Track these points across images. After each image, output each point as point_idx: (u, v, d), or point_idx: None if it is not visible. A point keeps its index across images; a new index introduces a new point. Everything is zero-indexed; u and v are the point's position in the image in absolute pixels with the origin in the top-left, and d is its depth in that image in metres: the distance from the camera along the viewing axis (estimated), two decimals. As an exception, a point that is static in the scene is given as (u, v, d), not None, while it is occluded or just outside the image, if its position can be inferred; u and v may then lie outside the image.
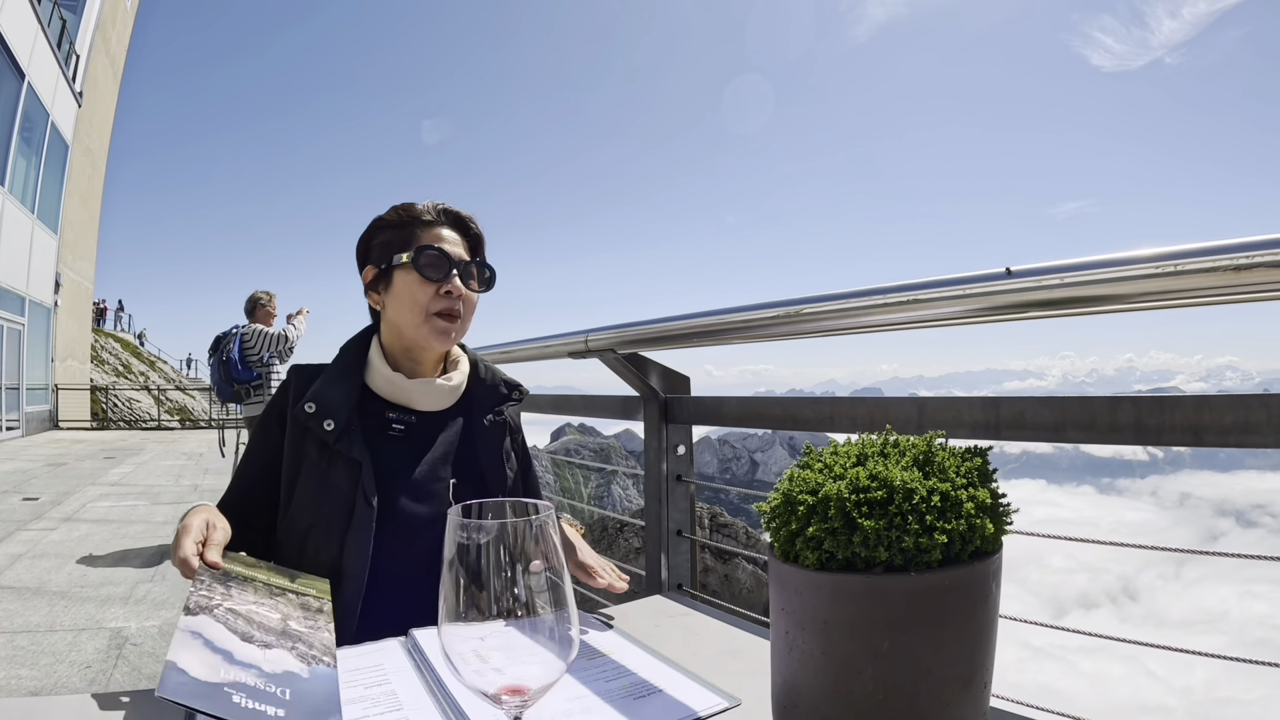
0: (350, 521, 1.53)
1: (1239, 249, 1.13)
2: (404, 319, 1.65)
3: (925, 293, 1.49)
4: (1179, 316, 16.20)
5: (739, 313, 1.92)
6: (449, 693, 1.07)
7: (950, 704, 0.84)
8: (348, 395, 1.62)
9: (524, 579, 0.76)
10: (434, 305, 1.63)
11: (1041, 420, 1.58)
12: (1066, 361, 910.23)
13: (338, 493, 1.55)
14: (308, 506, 1.56)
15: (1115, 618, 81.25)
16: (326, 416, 1.56)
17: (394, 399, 1.67)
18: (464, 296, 1.66)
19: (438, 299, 1.63)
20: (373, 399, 1.67)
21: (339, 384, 1.63)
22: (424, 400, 1.68)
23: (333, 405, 1.58)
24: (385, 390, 1.67)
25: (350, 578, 1.50)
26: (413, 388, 1.66)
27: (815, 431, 2.11)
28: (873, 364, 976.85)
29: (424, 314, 1.63)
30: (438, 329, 1.63)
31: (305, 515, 1.56)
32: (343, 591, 1.48)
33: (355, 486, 1.54)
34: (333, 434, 1.56)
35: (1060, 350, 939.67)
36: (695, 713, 1.06)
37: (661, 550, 2.56)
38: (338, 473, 1.56)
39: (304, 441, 1.60)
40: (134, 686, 3.76)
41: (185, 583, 1.14)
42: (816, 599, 0.85)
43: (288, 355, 7.25)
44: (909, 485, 0.85)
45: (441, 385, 1.69)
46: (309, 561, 1.51)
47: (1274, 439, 1.29)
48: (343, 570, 1.50)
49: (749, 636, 1.39)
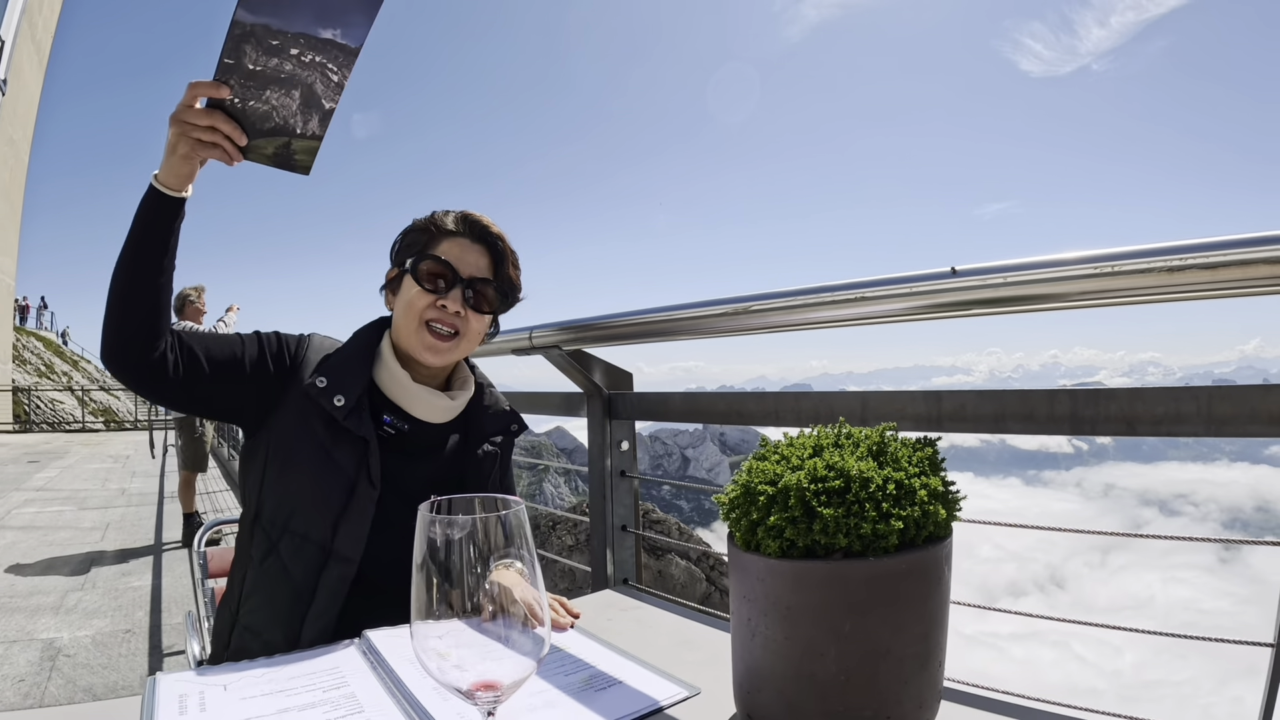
0: (349, 502, 1.49)
1: (1173, 251, 1.19)
2: (401, 324, 1.60)
3: (873, 290, 1.53)
4: (1103, 313, 16.63)
5: (688, 309, 1.94)
6: (409, 692, 1.07)
7: (909, 682, 0.87)
8: (359, 375, 1.56)
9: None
10: (427, 314, 1.57)
11: (982, 412, 1.63)
12: (993, 357, 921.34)
13: (340, 473, 1.50)
14: (303, 480, 1.50)
15: (1044, 605, 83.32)
16: (338, 392, 1.51)
17: (395, 398, 1.61)
18: (465, 315, 1.59)
19: (433, 310, 1.57)
20: (375, 393, 1.61)
21: (351, 364, 1.57)
22: (423, 409, 1.61)
23: (344, 382, 1.53)
24: (389, 387, 1.60)
25: (342, 560, 1.47)
26: (416, 393, 1.60)
27: (759, 426, 2.13)
28: (802, 360, 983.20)
29: (418, 322, 1.57)
30: (427, 343, 1.57)
31: (298, 490, 1.50)
32: (330, 573, 1.46)
33: (360, 467, 1.51)
34: (342, 410, 1.50)
35: (987, 346, 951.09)
36: (657, 703, 1.07)
37: (607, 545, 2.58)
38: (342, 452, 1.51)
39: (310, 415, 1.52)
40: (69, 700, 3.67)
41: (119, 589, 1.11)
42: (779, 586, 0.88)
43: None
44: (865, 474, 0.88)
45: (443, 400, 1.63)
46: (291, 539, 1.48)
47: (1203, 428, 1.37)
48: (334, 551, 1.47)
49: (701, 627, 1.41)
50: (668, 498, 47.48)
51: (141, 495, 10.24)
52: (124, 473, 12.72)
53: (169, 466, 12.27)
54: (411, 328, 1.57)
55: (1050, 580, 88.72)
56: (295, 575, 1.47)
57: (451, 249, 1.60)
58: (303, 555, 1.48)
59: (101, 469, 13.24)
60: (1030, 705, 1.07)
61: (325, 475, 1.50)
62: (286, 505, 1.51)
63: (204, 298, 7.26)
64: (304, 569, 1.47)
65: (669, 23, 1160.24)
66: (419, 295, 1.56)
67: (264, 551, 1.51)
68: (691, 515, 44.13)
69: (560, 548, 6.32)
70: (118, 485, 11.35)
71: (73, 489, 10.87)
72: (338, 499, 1.49)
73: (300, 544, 1.47)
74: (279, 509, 1.51)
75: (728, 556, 0.98)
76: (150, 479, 11.87)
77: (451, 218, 1.63)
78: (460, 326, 1.59)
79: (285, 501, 1.51)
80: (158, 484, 11.25)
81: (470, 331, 1.61)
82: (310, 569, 1.47)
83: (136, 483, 11.57)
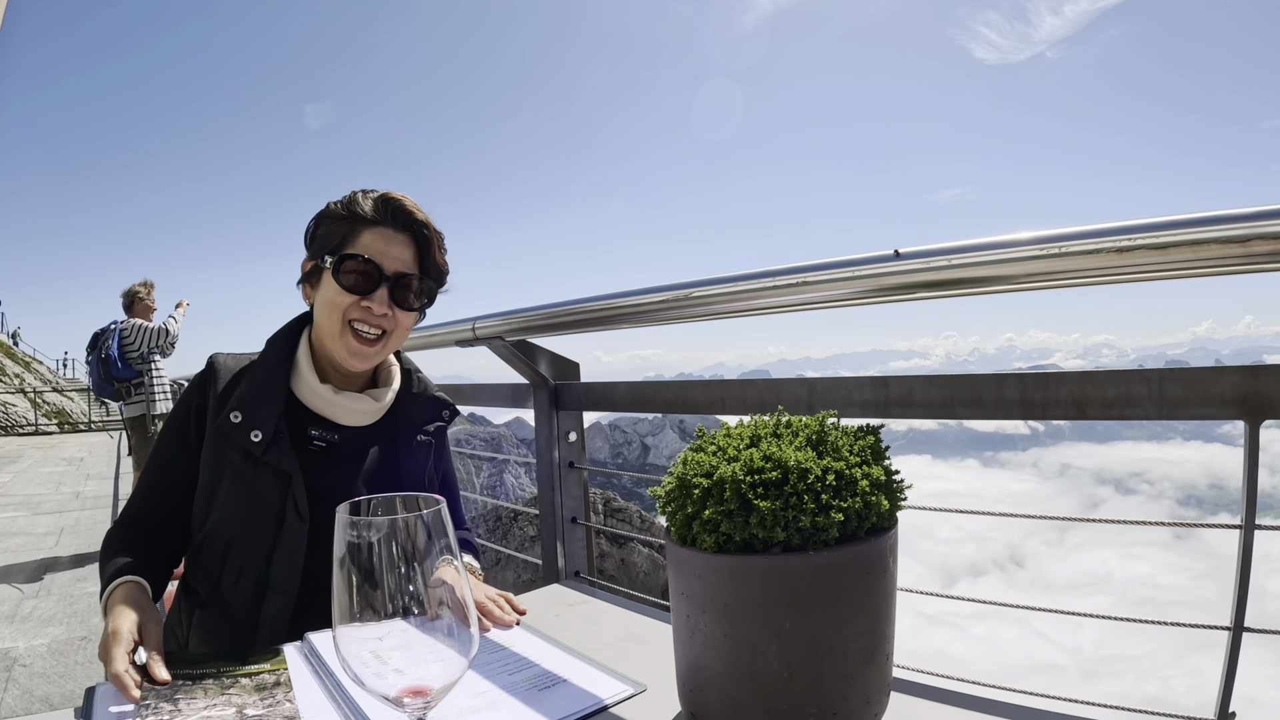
0: (279, 535, 1.44)
1: (1121, 232, 1.18)
2: (322, 325, 1.52)
3: (815, 275, 1.51)
4: (1059, 296, 16.75)
5: (628, 297, 1.92)
6: (349, 697, 1.04)
7: (854, 678, 0.85)
8: (275, 402, 1.49)
9: (420, 575, 0.74)
10: (352, 314, 1.48)
11: (930, 398, 1.62)
12: (950, 341, 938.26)
13: (265, 505, 1.44)
14: (231, 518, 1.45)
15: (1004, 584, 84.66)
16: (254, 427, 1.44)
17: (319, 410, 1.54)
18: (392, 314, 1.51)
19: (356, 309, 1.48)
20: (297, 407, 1.54)
21: (265, 389, 1.49)
22: (349, 417, 1.56)
23: (259, 415, 1.45)
24: (310, 400, 1.54)
25: (279, 593, 1.42)
26: (338, 403, 1.54)
27: (706, 414, 2.13)
28: (760, 347, 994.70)
29: (341, 324, 1.49)
30: (352, 349, 1.49)
31: (228, 527, 1.45)
32: (269, 606, 1.42)
33: (284, 498, 1.45)
34: (259, 446, 1.43)
35: (944, 330, 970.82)
36: (601, 701, 1.05)
37: (557, 538, 2.55)
38: (265, 484, 1.44)
39: (226, 447, 1.46)
40: (27, 711, 3.58)
41: (74, 595, 1.07)
42: (716, 582, 0.86)
43: (169, 350, 6.99)
44: (804, 465, 0.86)
45: (368, 404, 1.57)
46: (231, 575, 1.44)
47: (1154, 411, 1.37)
48: (270, 584, 1.43)
49: (650, 622, 1.39)
50: (629, 485, 47.65)
51: (96, 498, 10.05)
52: (78, 475, 12.48)
53: (124, 469, 12.07)
54: (334, 330, 1.49)
55: (1010, 559, 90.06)
56: (236, 610, 1.44)
57: (374, 242, 1.50)
58: (240, 590, 1.44)
59: (55, 472, 12.99)
60: (980, 694, 1.06)
61: (250, 510, 1.44)
62: (220, 541, 1.46)
63: (154, 294, 7.15)
64: (243, 603, 1.44)
65: (620, 10, 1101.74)
66: (340, 296, 1.48)
67: (208, 588, 1.48)
68: (654, 503, 43.83)
69: (522, 540, 6.30)
70: (72, 488, 11.13)
71: (26, 494, 10.63)
72: (266, 533, 1.44)
73: (237, 579, 1.43)
74: (212, 545, 1.47)
75: (666, 552, 0.96)
76: (105, 481, 11.65)
77: (370, 203, 1.52)
78: (387, 326, 1.51)
79: (218, 538, 1.47)
80: (112, 487, 11.06)
81: (398, 329, 1.54)
82: (250, 603, 1.44)
83: (91, 485, 11.36)
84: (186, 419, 1.52)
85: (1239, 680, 1.33)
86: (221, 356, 1.56)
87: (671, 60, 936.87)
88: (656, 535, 6.76)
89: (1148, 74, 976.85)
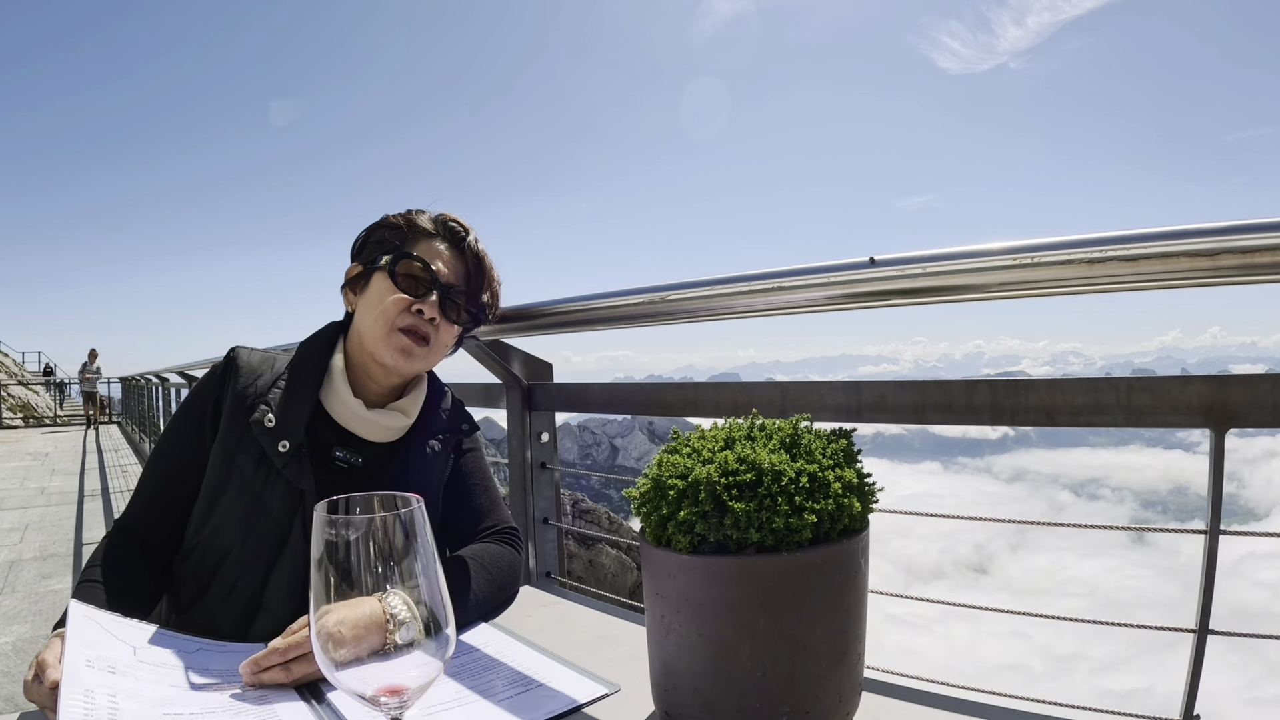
0: (280, 555, 1.37)
1: (1093, 243, 1.20)
2: (368, 327, 1.47)
3: (791, 280, 1.52)
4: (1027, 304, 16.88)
5: (605, 299, 1.91)
6: (323, 696, 1.04)
7: (827, 677, 0.87)
8: (302, 412, 1.43)
9: (397, 575, 0.74)
10: (401, 320, 1.45)
11: (901, 403, 1.64)
12: (919, 347, 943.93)
13: (271, 522, 1.37)
14: (232, 530, 1.38)
15: (971, 583, 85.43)
16: (283, 436, 1.38)
17: (347, 425, 1.48)
18: (439, 323, 1.48)
19: (407, 314, 1.45)
20: (323, 420, 1.48)
21: (295, 396, 1.44)
22: (377, 433, 1.50)
23: (290, 422, 1.40)
24: (339, 413, 1.48)
25: (270, 614, 1.34)
26: (369, 419, 1.48)
27: (678, 416, 2.13)
28: (730, 350, 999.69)
29: (389, 325, 1.44)
30: (400, 345, 1.45)
31: (227, 538, 1.38)
32: (259, 626, 1.33)
33: (293, 517, 1.38)
34: (283, 457, 1.37)
35: (913, 336, 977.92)
36: (575, 701, 1.05)
37: (528, 538, 2.55)
38: (274, 499, 1.38)
39: (238, 452, 1.40)
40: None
41: (39, 593, 1.04)
42: (690, 582, 0.87)
43: None
44: (777, 467, 0.87)
45: (398, 419, 1.51)
46: (222, 588, 1.36)
47: (1122, 419, 1.40)
48: (262, 604, 1.35)
49: (622, 622, 1.40)
50: (597, 487, 47.53)
51: (61, 494, 9.94)
52: (43, 471, 12.34)
53: (89, 464, 11.93)
54: (383, 329, 1.45)
55: (977, 560, 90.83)
56: (222, 625, 1.35)
57: (428, 251, 1.49)
58: (230, 605, 1.36)
59: (20, 467, 12.83)
60: (950, 694, 1.07)
61: (254, 523, 1.38)
62: (215, 551, 1.38)
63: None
64: (231, 620, 1.36)
65: (581, 12, 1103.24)
66: (394, 295, 1.44)
67: (192, 596, 1.39)
68: (621, 504, 44.02)
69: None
70: (37, 484, 11.00)
71: (-11, 489, 10.52)
72: (268, 550, 1.37)
73: (228, 593, 1.36)
74: (208, 553, 1.39)
75: (640, 553, 0.97)
76: (70, 476, 11.52)
77: (427, 218, 1.53)
78: (432, 333, 1.48)
79: (214, 545, 1.39)
80: (78, 482, 10.92)
81: (438, 343, 1.51)
82: (238, 621, 1.35)
83: (56, 481, 11.24)
84: (203, 415, 1.46)
85: (1203, 682, 1.36)
86: (245, 351, 1.52)
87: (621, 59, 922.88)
88: (624, 536, 6.78)
89: (1110, 86, 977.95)
